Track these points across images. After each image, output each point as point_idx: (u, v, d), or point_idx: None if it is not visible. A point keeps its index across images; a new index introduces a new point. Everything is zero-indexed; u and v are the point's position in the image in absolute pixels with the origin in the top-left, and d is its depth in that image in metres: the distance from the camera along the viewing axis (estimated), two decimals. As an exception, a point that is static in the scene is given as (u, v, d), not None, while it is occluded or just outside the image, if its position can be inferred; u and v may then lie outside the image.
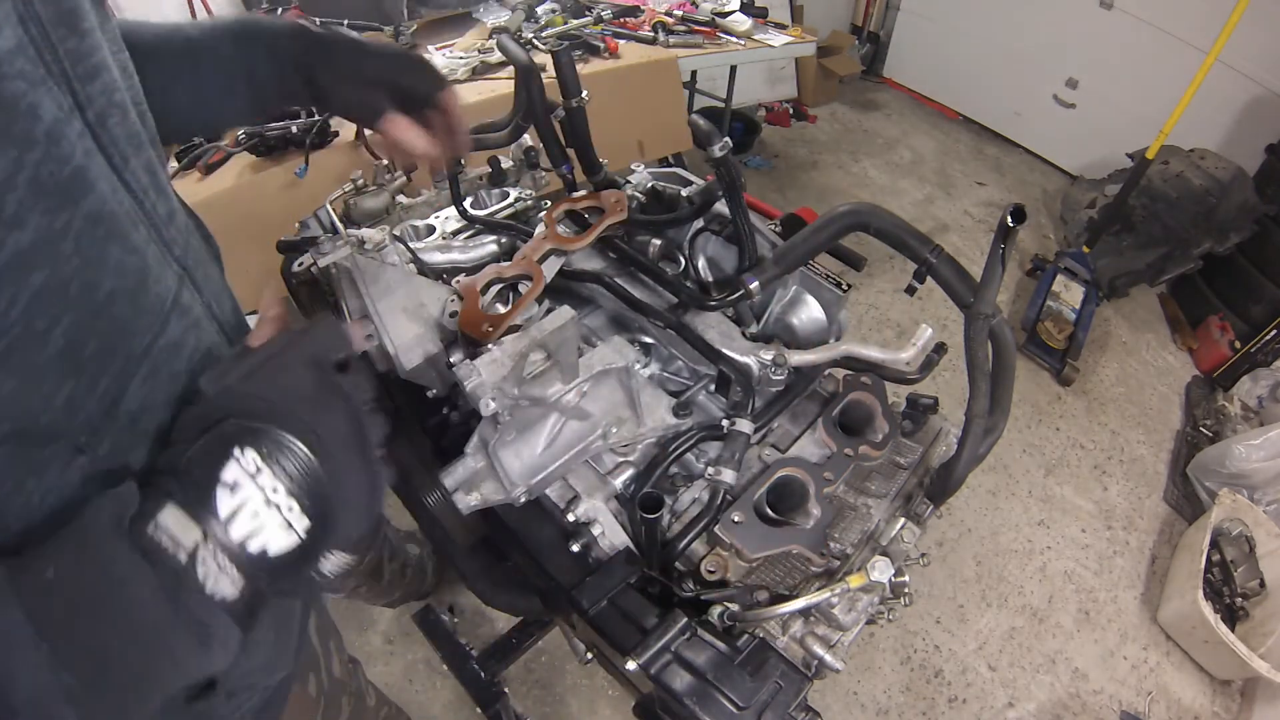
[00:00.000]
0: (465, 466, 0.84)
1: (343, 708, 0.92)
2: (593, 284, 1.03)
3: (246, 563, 0.41)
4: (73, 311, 0.40)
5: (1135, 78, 3.57)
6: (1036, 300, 3.01)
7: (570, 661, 1.85)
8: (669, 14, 2.74)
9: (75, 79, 0.41)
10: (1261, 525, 2.15)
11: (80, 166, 0.40)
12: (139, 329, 0.46)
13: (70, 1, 0.42)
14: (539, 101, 1.03)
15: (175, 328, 0.49)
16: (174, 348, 0.48)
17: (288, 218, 1.23)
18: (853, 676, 1.91)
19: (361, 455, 0.47)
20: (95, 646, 0.36)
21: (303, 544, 0.43)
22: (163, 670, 0.38)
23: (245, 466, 0.41)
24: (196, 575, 0.39)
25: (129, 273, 0.44)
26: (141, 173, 0.47)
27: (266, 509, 0.41)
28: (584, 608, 0.78)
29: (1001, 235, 0.66)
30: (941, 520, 2.27)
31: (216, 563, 0.39)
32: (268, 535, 0.41)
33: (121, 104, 0.46)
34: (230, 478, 0.41)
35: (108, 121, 0.44)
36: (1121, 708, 1.94)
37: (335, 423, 0.46)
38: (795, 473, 0.87)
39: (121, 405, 0.45)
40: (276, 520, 0.41)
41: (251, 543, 0.41)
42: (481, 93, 2.10)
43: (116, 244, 0.43)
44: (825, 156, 4.10)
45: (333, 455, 0.44)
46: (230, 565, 0.40)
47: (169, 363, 0.48)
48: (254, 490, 0.41)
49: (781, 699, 0.70)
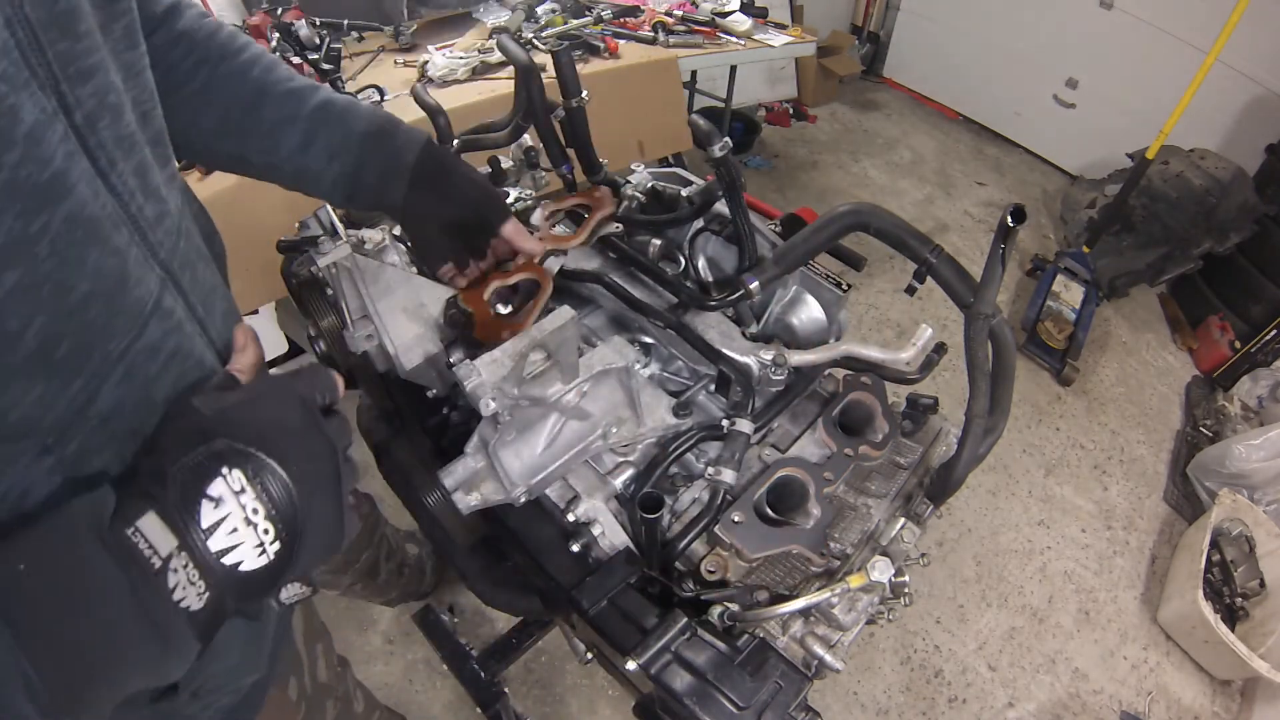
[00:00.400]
0: (465, 466, 0.84)
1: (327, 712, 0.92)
2: (593, 284, 1.03)
3: (218, 576, 0.42)
4: (46, 313, 0.40)
5: (1135, 78, 3.57)
6: (1036, 300, 3.01)
7: (570, 661, 1.85)
8: (669, 14, 2.74)
9: (64, 81, 0.41)
10: (1261, 525, 2.15)
11: (60, 170, 0.40)
12: (115, 331, 0.45)
13: (67, 4, 0.42)
14: (539, 101, 1.03)
15: (154, 331, 0.48)
16: (151, 351, 0.48)
17: (288, 218, 1.23)
18: (853, 676, 1.91)
19: (335, 495, 0.49)
20: (57, 641, 0.36)
21: (271, 566, 0.44)
22: (120, 671, 0.39)
23: (231, 484, 0.42)
24: (166, 583, 0.39)
25: (107, 276, 0.44)
26: (130, 175, 0.47)
27: (245, 527, 0.42)
28: (584, 608, 0.78)
29: (1001, 235, 0.66)
30: (941, 520, 2.27)
31: (187, 574, 0.40)
32: (243, 553, 0.42)
33: (115, 106, 0.46)
34: (216, 492, 0.42)
35: (97, 124, 0.44)
36: (1121, 708, 1.94)
37: (317, 460, 0.48)
38: (795, 473, 0.87)
39: (94, 406, 0.45)
40: (253, 540, 0.43)
41: (227, 557, 0.42)
42: (481, 93, 2.10)
43: (95, 247, 0.43)
44: (825, 156, 4.10)
45: (310, 490, 0.46)
46: (200, 579, 0.41)
47: (145, 366, 0.48)
48: (236, 508, 0.42)
49: (781, 699, 0.70)
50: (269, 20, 2.01)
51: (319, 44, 1.98)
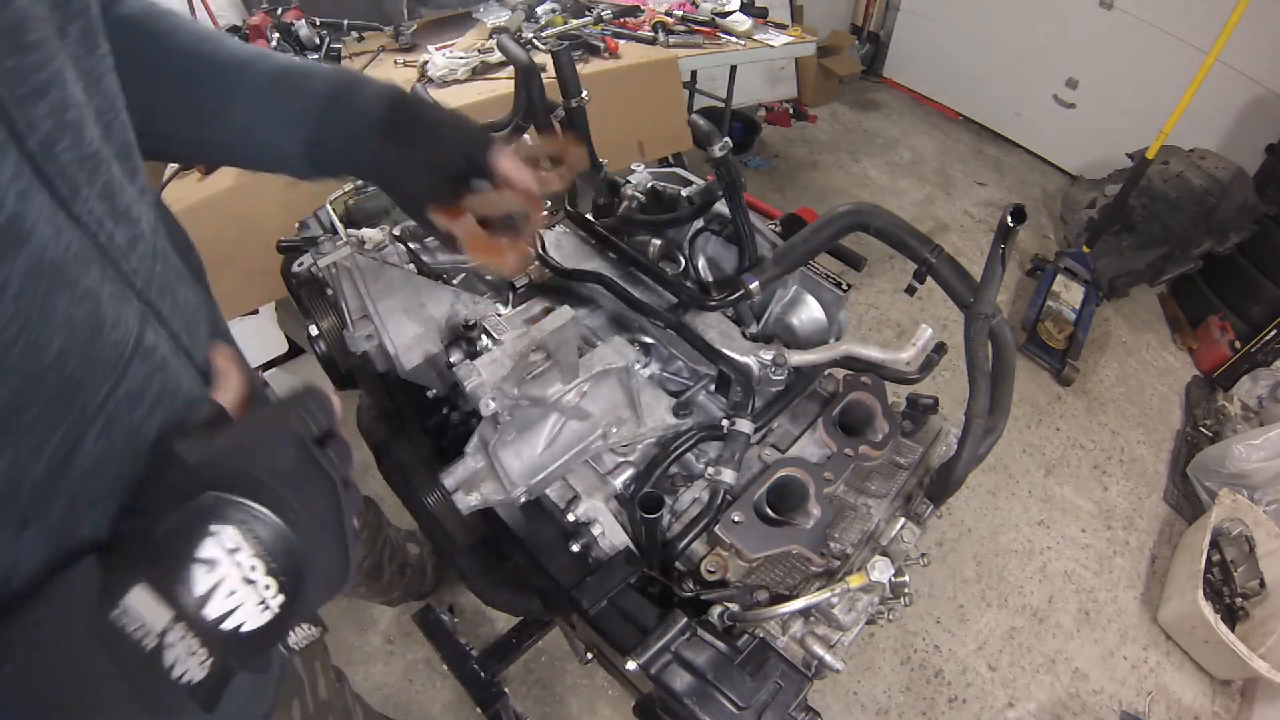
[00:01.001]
0: (465, 466, 0.84)
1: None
2: (593, 284, 1.03)
3: (220, 643, 0.39)
4: (15, 378, 0.36)
5: (1135, 78, 3.57)
6: (1036, 300, 3.01)
7: (570, 661, 1.85)
8: (669, 14, 2.74)
9: (14, 105, 0.36)
10: (1261, 525, 2.15)
11: (15, 213, 0.35)
12: (94, 383, 0.41)
13: (12, 14, 0.36)
14: (539, 101, 1.03)
15: (136, 374, 0.44)
16: (134, 397, 0.44)
17: (288, 218, 1.23)
18: (853, 676, 1.91)
19: (338, 533, 0.47)
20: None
21: (276, 620, 0.42)
22: None
23: (224, 543, 0.39)
24: (164, 662, 0.37)
25: (80, 324, 0.39)
26: (96, 201, 0.42)
27: (244, 587, 0.40)
28: (584, 608, 0.78)
29: (1001, 235, 0.66)
30: (941, 520, 2.27)
31: (186, 645, 0.38)
32: (244, 614, 0.40)
33: (75, 123, 0.41)
34: (208, 554, 0.39)
35: (55, 148, 0.39)
36: (1121, 708, 1.94)
37: (316, 501, 0.45)
38: (795, 473, 0.87)
39: (73, 466, 0.41)
40: (254, 599, 0.40)
41: (227, 622, 0.39)
42: (481, 93, 2.10)
43: (63, 294, 0.38)
44: (825, 156, 4.10)
45: (310, 532, 0.44)
46: (201, 647, 0.38)
47: (128, 413, 0.44)
48: (232, 568, 0.39)
49: (781, 699, 0.70)
50: (269, 20, 2.01)
51: (319, 44, 1.98)
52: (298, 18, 1.99)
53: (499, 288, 1.09)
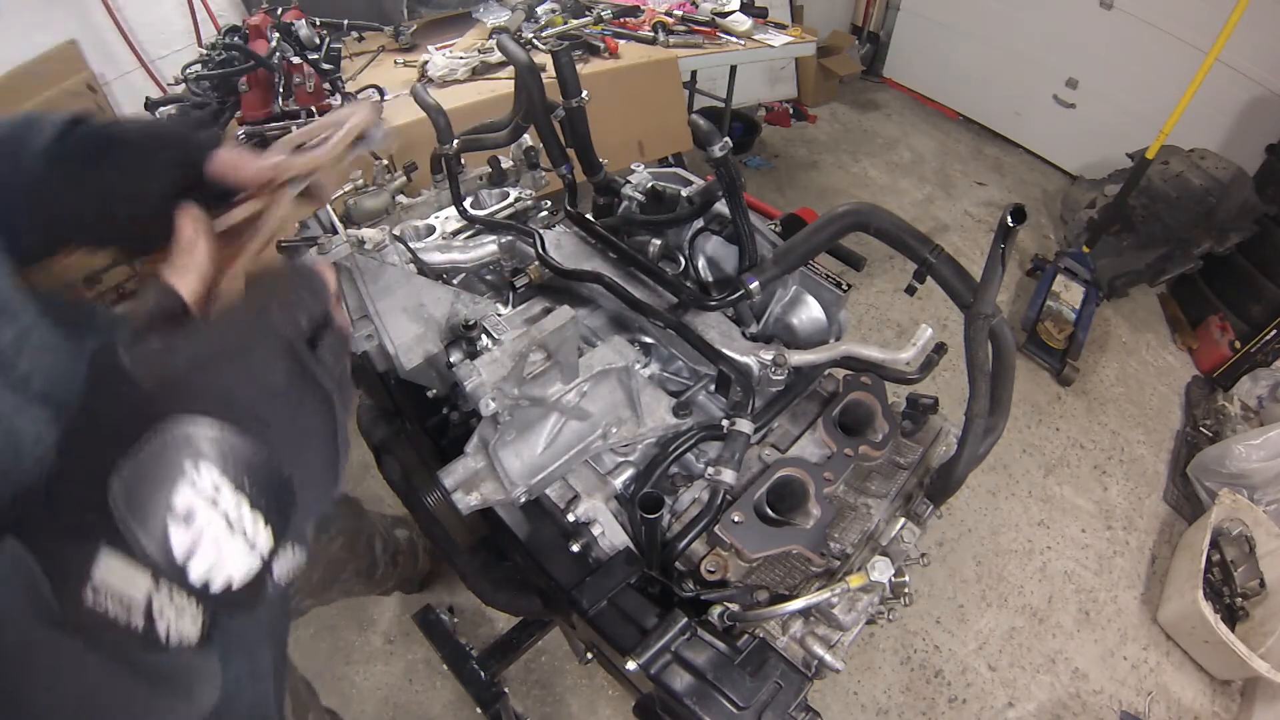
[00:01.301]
0: (465, 466, 0.84)
1: None
2: (593, 284, 1.03)
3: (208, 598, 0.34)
4: None
5: (1135, 78, 3.57)
6: (1036, 300, 3.01)
7: (570, 661, 1.85)
8: (669, 14, 2.74)
9: None
10: (1261, 525, 2.15)
11: None
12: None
13: None
14: (539, 101, 1.03)
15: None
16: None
17: (288, 218, 1.23)
18: (853, 676, 1.91)
19: (330, 452, 0.40)
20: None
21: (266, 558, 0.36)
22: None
23: (202, 488, 0.32)
24: (158, 633, 0.32)
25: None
26: None
27: (228, 533, 0.33)
28: (584, 608, 0.78)
29: (1001, 235, 0.66)
30: (941, 520, 2.26)
31: (175, 607, 0.32)
32: (232, 566, 0.34)
33: None
34: (183, 505, 0.32)
35: None
36: (1121, 708, 1.93)
37: (308, 417, 0.38)
38: (795, 473, 0.87)
39: None
40: (241, 545, 0.34)
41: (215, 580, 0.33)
42: (481, 93, 2.10)
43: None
44: (825, 156, 4.10)
45: (299, 451, 0.38)
46: (189, 601, 0.33)
47: None
48: (214, 516, 0.33)
49: (781, 699, 0.70)
50: (269, 20, 2.01)
51: (319, 44, 1.98)
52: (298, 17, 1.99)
53: (499, 288, 1.09)
